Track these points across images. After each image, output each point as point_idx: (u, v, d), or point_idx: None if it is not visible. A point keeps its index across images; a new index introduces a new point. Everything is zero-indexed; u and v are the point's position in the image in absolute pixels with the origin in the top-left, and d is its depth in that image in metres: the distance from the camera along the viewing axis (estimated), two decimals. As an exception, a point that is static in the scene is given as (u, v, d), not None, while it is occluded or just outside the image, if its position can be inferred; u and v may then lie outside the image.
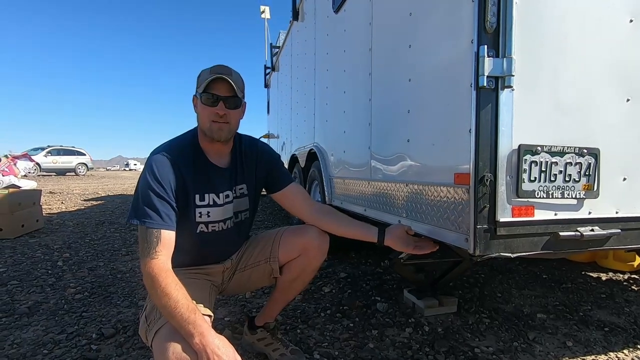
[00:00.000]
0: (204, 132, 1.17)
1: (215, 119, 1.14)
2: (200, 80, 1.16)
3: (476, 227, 1.07)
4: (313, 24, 3.03)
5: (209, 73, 1.14)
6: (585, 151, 1.16)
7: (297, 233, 1.36)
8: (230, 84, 1.13)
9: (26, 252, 2.96)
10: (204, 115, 1.15)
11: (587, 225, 1.17)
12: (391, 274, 2.40)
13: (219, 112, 1.13)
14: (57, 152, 17.14)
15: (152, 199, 1.05)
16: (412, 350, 1.49)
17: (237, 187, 1.28)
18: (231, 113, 1.16)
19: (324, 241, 1.35)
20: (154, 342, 0.97)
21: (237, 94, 1.16)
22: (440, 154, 1.27)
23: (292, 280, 1.37)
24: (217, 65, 1.16)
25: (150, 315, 1.04)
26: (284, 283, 1.38)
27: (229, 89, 1.14)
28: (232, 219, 1.28)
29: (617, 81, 1.20)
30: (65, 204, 6.23)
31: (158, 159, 1.10)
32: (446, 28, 1.23)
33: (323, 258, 1.37)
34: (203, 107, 1.14)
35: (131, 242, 3.37)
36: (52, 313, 1.82)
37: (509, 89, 1.07)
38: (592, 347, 1.54)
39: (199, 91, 1.14)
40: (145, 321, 1.05)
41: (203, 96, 1.13)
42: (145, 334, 1.03)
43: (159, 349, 0.93)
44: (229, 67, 1.17)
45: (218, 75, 1.12)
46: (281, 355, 1.37)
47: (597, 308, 1.92)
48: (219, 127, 1.15)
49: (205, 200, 1.19)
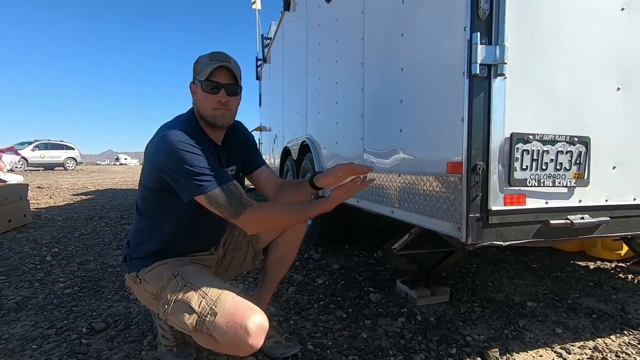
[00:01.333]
0: (205, 119, 1.18)
1: (217, 106, 1.15)
2: (199, 67, 1.16)
3: (468, 216, 1.08)
4: (305, 14, 2.99)
5: (208, 60, 1.14)
6: (576, 140, 1.16)
7: None
8: (231, 71, 1.15)
9: (13, 247, 2.90)
10: (206, 102, 1.15)
11: (578, 213, 1.18)
12: (384, 265, 2.41)
13: (221, 99, 1.15)
14: (45, 147, 16.79)
15: (202, 163, 1.05)
16: (405, 340, 1.50)
17: (229, 169, 1.30)
18: (231, 100, 1.18)
19: None
20: (218, 326, 0.98)
21: (237, 81, 1.18)
22: (433, 143, 1.26)
23: (281, 258, 1.40)
24: (215, 52, 1.17)
25: (199, 305, 1.02)
26: (272, 262, 1.41)
27: (230, 77, 1.16)
28: None
29: (608, 70, 1.21)
30: (53, 198, 6.12)
31: (182, 134, 1.07)
32: (439, 16, 1.22)
33: (304, 231, 1.44)
34: (205, 94, 1.15)
35: (122, 236, 3.33)
36: (41, 308, 1.79)
37: (501, 77, 1.07)
38: (580, 333, 1.57)
39: (200, 78, 1.14)
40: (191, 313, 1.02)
41: (204, 84, 1.14)
42: (194, 324, 1.02)
43: (232, 327, 0.97)
44: (226, 54, 1.18)
45: (221, 63, 1.13)
46: (276, 342, 1.37)
47: (585, 296, 1.95)
48: (221, 113, 1.17)
49: None
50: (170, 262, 1.17)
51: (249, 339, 0.96)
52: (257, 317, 0.99)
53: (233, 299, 1.02)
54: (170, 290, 1.08)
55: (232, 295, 1.04)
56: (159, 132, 1.12)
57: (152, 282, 1.15)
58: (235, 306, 1.00)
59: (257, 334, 0.97)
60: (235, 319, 0.97)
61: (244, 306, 1.01)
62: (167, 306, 1.07)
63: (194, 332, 1.03)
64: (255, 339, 0.97)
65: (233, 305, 1.00)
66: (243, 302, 1.02)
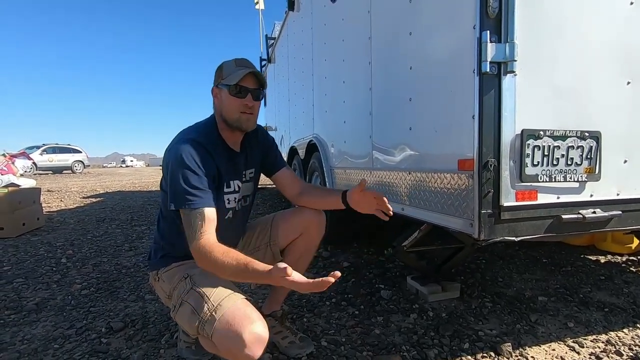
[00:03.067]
0: (229, 122, 1.21)
1: (244, 110, 1.19)
2: (225, 72, 1.20)
3: (481, 212, 1.09)
4: (310, 13, 3.00)
5: (235, 66, 1.19)
6: (586, 134, 1.17)
7: (295, 214, 1.43)
8: (256, 77, 1.20)
9: (29, 250, 2.96)
10: (233, 106, 1.19)
11: (589, 207, 1.19)
12: (393, 262, 2.43)
13: (248, 103, 1.19)
14: (53, 150, 17.01)
15: (190, 180, 1.07)
16: (418, 335, 1.52)
17: (248, 172, 1.33)
18: (256, 104, 1.23)
19: (322, 218, 1.43)
20: (216, 333, 0.95)
21: (262, 86, 1.23)
22: (443, 140, 1.27)
23: (296, 261, 1.41)
24: (239, 59, 1.23)
25: (201, 309, 1.00)
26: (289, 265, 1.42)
27: (255, 82, 1.21)
28: (241, 203, 1.33)
29: (618, 64, 1.21)
30: (64, 201, 6.21)
31: (190, 146, 1.12)
32: (447, 14, 1.23)
33: (322, 234, 1.45)
34: (232, 98, 1.19)
35: (133, 237, 3.38)
36: (59, 309, 1.83)
37: (511, 74, 1.08)
38: (592, 327, 1.58)
39: (228, 83, 1.18)
40: (193, 316, 1.01)
41: (232, 88, 1.18)
42: (197, 329, 1.00)
43: (228, 336, 0.93)
44: (248, 60, 1.23)
45: (251, 70, 1.18)
46: (290, 343, 1.40)
47: (596, 289, 1.95)
48: (247, 117, 1.21)
49: (231, 187, 1.25)
50: (186, 264, 1.19)
51: (245, 349, 0.91)
52: (254, 327, 0.93)
53: (233, 306, 0.97)
54: (179, 292, 1.10)
55: (234, 301, 0.99)
56: (175, 140, 1.17)
57: (167, 281, 1.19)
58: (233, 314, 0.95)
59: (253, 344, 0.92)
60: (232, 327, 0.93)
61: (242, 315, 0.95)
62: (175, 307, 1.09)
63: (197, 335, 1.03)
64: (251, 349, 0.92)
65: (231, 313, 0.96)
66: (242, 310, 0.97)
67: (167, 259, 1.22)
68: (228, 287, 1.06)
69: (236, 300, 1.00)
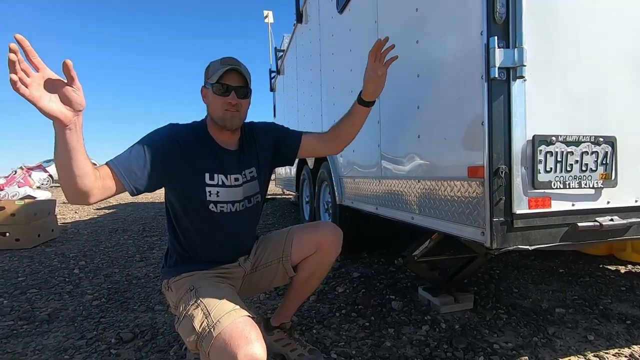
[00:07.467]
0: (215, 121, 1.21)
1: (228, 108, 1.18)
2: (210, 71, 1.20)
3: (492, 220, 1.06)
4: (317, 25, 3.04)
5: (219, 65, 1.18)
6: (601, 140, 1.14)
7: (310, 230, 1.38)
8: (241, 74, 1.19)
9: (43, 261, 3.01)
10: (217, 104, 1.19)
11: (606, 215, 1.15)
12: (404, 272, 2.39)
13: (231, 101, 1.18)
14: (69, 163, 17.39)
15: (132, 152, 1.07)
16: (430, 348, 1.47)
17: (247, 171, 1.29)
18: (242, 102, 1.21)
19: (338, 236, 1.38)
20: (213, 350, 0.92)
21: (247, 84, 1.21)
22: (452, 148, 1.26)
23: (308, 278, 1.38)
24: (226, 57, 1.21)
25: (200, 325, 0.97)
26: (300, 281, 1.39)
27: (240, 80, 1.20)
28: (242, 203, 1.28)
29: (633, 68, 1.18)
30: (78, 213, 6.33)
31: (166, 130, 1.16)
32: (454, 21, 1.22)
33: (338, 253, 1.39)
34: (215, 97, 1.18)
35: (144, 248, 3.41)
36: (71, 319, 1.84)
37: (521, 79, 1.06)
38: (614, 340, 1.51)
39: (211, 82, 1.18)
40: (193, 331, 0.98)
41: (215, 86, 1.17)
42: (195, 344, 0.98)
43: (222, 356, 0.89)
44: (236, 58, 1.21)
45: (231, 67, 1.16)
46: (299, 355, 1.37)
47: (617, 301, 1.88)
48: (231, 115, 1.19)
49: (215, 180, 1.21)
50: (196, 275, 1.18)
51: None
52: (250, 349, 0.88)
53: (232, 324, 0.93)
54: (183, 304, 1.08)
55: (233, 319, 0.94)
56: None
57: (175, 291, 1.18)
58: (231, 332, 0.91)
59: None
60: (228, 347, 0.89)
61: (239, 334, 0.90)
62: (179, 319, 1.06)
63: (196, 351, 0.99)
64: None
65: (229, 332, 0.91)
66: (240, 329, 0.92)
67: (177, 268, 1.21)
68: (233, 301, 1.02)
69: (236, 318, 0.95)
